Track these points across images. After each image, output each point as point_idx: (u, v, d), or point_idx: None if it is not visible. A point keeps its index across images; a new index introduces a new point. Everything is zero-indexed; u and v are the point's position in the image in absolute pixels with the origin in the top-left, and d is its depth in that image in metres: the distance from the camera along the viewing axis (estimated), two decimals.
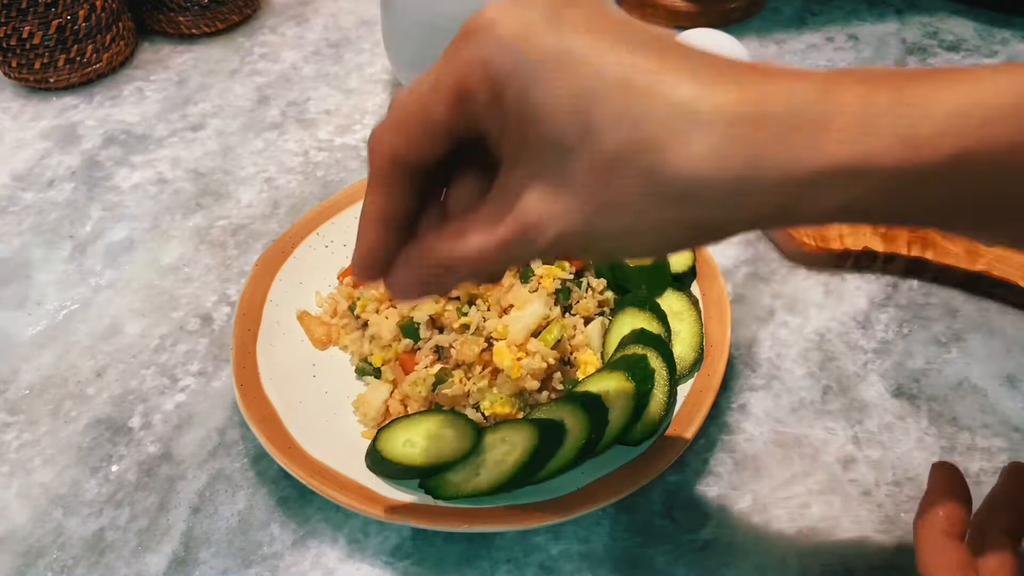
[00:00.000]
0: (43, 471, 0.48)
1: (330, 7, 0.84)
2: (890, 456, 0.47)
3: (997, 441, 0.47)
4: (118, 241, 0.62)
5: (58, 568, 0.44)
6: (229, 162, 0.68)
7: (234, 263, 0.60)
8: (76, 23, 0.71)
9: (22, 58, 0.72)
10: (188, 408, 0.51)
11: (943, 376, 0.51)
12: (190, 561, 0.44)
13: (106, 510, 0.46)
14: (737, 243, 0.59)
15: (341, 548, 0.44)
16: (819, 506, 0.45)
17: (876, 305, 0.55)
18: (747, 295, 0.56)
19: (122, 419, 0.51)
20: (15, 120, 0.73)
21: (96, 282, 0.59)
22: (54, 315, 0.57)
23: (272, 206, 0.64)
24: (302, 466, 0.43)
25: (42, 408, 0.51)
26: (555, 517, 0.41)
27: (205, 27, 0.79)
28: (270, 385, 0.47)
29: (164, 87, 0.75)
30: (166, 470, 0.48)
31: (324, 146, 0.69)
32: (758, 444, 0.48)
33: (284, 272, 0.53)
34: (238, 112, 0.72)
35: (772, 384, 0.51)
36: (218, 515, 0.46)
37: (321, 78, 0.76)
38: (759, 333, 0.53)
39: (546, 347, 0.47)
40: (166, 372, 0.53)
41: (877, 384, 0.50)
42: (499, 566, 0.43)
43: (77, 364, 0.54)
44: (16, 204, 0.65)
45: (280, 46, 0.80)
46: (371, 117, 0.71)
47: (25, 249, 0.61)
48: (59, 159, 0.68)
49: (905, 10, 0.79)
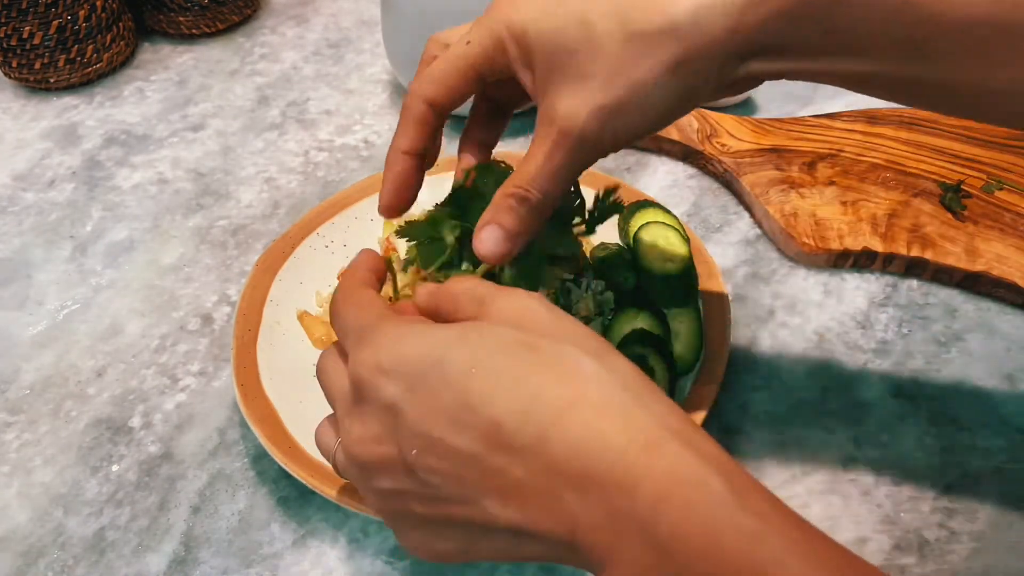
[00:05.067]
0: (43, 471, 0.48)
1: (330, 7, 0.84)
2: (890, 456, 0.47)
3: (997, 441, 0.47)
4: (118, 241, 0.62)
5: (58, 568, 0.44)
6: (229, 162, 0.68)
7: (234, 263, 0.60)
8: (76, 23, 0.72)
9: (22, 58, 0.72)
10: (188, 408, 0.51)
11: (943, 376, 0.51)
12: (190, 561, 0.44)
13: (106, 510, 0.46)
14: (737, 243, 0.59)
15: (341, 548, 0.44)
16: (819, 506, 0.45)
17: (876, 305, 0.55)
18: (747, 295, 0.56)
19: (122, 419, 0.51)
20: (15, 120, 0.73)
21: (96, 282, 0.59)
22: (54, 315, 0.57)
23: (272, 206, 0.64)
24: (302, 466, 0.43)
25: (42, 408, 0.51)
26: None
27: (205, 27, 0.79)
28: (270, 385, 0.47)
29: (164, 87, 0.75)
30: (166, 470, 0.48)
31: (324, 146, 0.69)
32: (758, 444, 0.48)
33: (284, 272, 0.53)
34: (238, 112, 0.72)
35: (772, 384, 0.51)
36: (218, 515, 0.46)
37: (321, 78, 0.76)
38: (759, 333, 0.53)
39: None
40: (166, 372, 0.53)
41: (877, 384, 0.51)
42: (499, 566, 0.43)
43: (77, 364, 0.54)
44: (16, 204, 0.65)
45: (280, 46, 0.80)
46: (371, 117, 0.71)
47: (25, 249, 0.62)
48: (59, 159, 0.69)
49: None
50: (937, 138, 0.64)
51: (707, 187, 0.64)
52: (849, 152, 0.63)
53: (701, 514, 0.25)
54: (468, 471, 0.29)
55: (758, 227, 0.60)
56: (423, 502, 0.30)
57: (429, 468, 0.29)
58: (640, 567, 0.25)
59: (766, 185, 0.60)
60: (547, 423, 0.28)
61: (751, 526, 0.25)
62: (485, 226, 0.36)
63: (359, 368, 0.31)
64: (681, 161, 0.66)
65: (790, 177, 0.61)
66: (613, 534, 0.26)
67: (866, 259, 0.56)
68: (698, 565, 0.24)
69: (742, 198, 0.62)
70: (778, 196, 0.59)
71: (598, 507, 0.26)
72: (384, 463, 0.31)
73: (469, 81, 0.37)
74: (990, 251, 0.55)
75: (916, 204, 0.59)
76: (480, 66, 0.36)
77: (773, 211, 0.58)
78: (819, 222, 0.58)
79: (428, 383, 0.30)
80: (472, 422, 0.29)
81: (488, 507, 0.28)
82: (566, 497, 0.27)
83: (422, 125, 0.38)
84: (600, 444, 0.27)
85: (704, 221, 0.61)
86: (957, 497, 0.45)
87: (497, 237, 0.36)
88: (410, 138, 0.38)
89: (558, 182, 0.35)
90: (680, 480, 0.26)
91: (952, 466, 0.47)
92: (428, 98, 0.38)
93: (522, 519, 0.28)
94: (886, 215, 0.58)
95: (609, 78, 0.33)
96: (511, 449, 0.28)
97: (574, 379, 0.29)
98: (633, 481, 0.26)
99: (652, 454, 0.26)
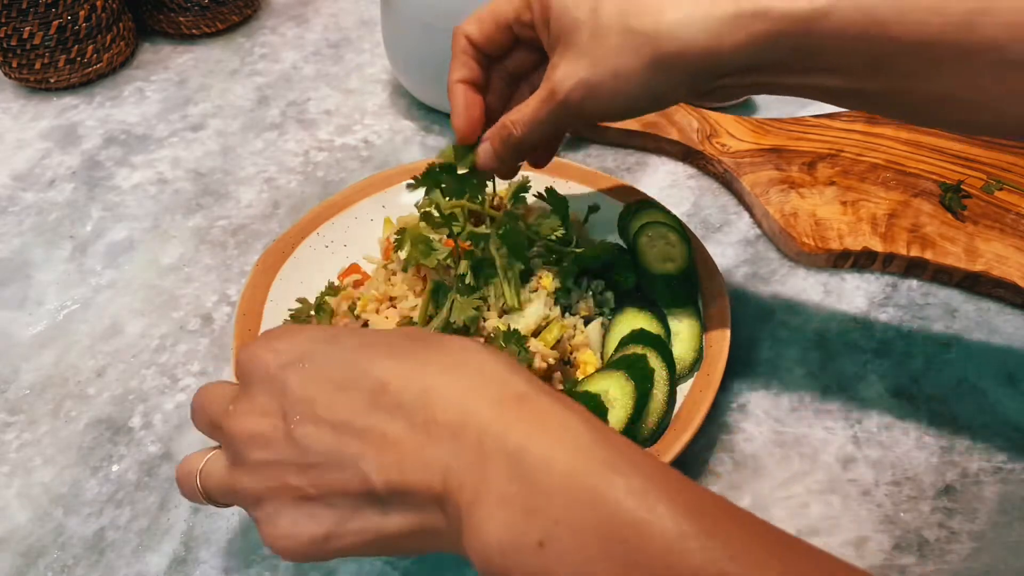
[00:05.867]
0: (43, 471, 0.48)
1: (330, 7, 0.84)
2: (890, 456, 0.47)
3: (997, 441, 0.48)
4: (118, 241, 0.62)
5: (58, 568, 0.44)
6: (229, 162, 0.68)
7: (234, 263, 0.60)
8: (76, 23, 0.72)
9: (22, 58, 0.72)
10: (188, 408, 0.51)
11: (943, 376, 0.51)
12: (190, 561, 0.44)
13: (106, 510, 0.46)
14: (737, 243, 0.59)
15: None
16: (819, 506, 0.45)
17: (876, 305, 0.55)
18: (747, 295, 0.56)
19: (122, 419, 0.51)
20: (15, 120, 0.73)
21: (96, 282, 0.59)
22: (54, 315, 0.57)
23: (272, 206, 0.64)
24: None
25: (42, 408, 0.51)
26: None
27: (205, 27, 0.79)
28: None
29: (164, 87, 0.75)
30: (166, 470, 0.48)
31: (324, 146, 0.69)
32: (758, 444, 0.48)
33: (284, 272, 0.53)
34: (238, 112, 0.72)
35: (772, 384, 0.51)
36: (218, 515, 0.46)
37: (321, 78, 0.76)
38: (759, 333, 0.53)
39: (546, 347, 0.47)
40: (166, 372, 0.53)
41: (877, 384, 0.51)
42: None
43: (77, 364, 0.54)
44: (16, 204, 0.65)
45: (280, 46, 0.80)
46: (371, 117, 0.71)
47: (25, 249, 0.62)
48: (59, 159, 0.69)
49: None
50: (937, 138, 0.64)
51: (707, 187, 0.64)
52: (849, 152, 0.63)
53: (565, 447, 0.28)
54: (348, 433, 0.31)
55: (758, 227, 0.60)
56: (299, 472, 0.32)
57: (309, 434, 0.31)
58: (505, 498, 0.28)
59: (766, 185, 0.60)
60: (430, 382, 0.31)
61: (607, 456, 0.28)
62: (484, 141, 0.44)
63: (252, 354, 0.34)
64: (681, 161, 0.66)
65: (790, 177, 0.61)
66: (480, 472, 0.28)
67: (866, 259, 0.56)
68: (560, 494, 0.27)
69: (742, 198, 0.62)
70: (778, 196, 0.60)
71: (469, 449, 0.29)
72: (265, 433, 0.32)
73: (501, 29, 0.44)
74: (990, 251, 0.55)
75: (916, 204, 0.59)
76: (511, 19, 0.43)
77: (773, 211, 0.58)
78: (819, 222, 0.58)
79: (318, 356, 0.33)
80: (359, 383, 0.31)
81: (364, 469, 0.30)
82: (442, 446, 0.29)
83: (466, 56, 0.44)
84: (477, 396, 0.30)
85: (704, 221, 0.61)
86: (957, 497, 0.45)
87: (488, 153, 0.44)
88: (459, 68, 0.44)
89: (537, 130, 0.42)
90: (547, 421, 0.29)
91: (952, 466, 0.47)
92: (467, 33, 0.44)
93: (396, 475, 0.30)
94: (886, 215, 0.58)
95: (598, 60, 0.38)
96: (394, 406, 0.30)
97: (457, 351, 0.32)
98: (505, 424, 0.29)
99: (524, 403, 0.30)
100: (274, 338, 0.35)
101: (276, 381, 0.33)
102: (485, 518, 0.28)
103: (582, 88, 0.39)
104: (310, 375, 0.32)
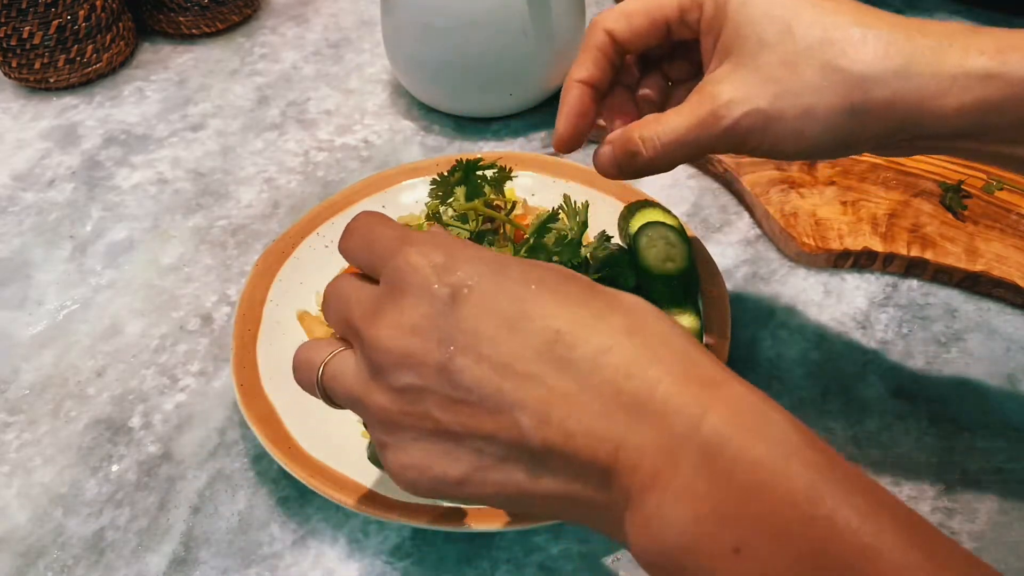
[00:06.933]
0: (43, 471, 0.48)
1: (330, 7, 0.84)
2: (890, 456, 0.47)
3: (997, 441, 0.47)
4: (118, 241, 0.62)
5: (58, 568, 0.44)
6: (229, 162, 0.68)
7: (234, 263, 0.60)
8: (76, 23, 0.72)
9: (22, 58, 0.72)
10: (188, 408, 0.51)
11: (943, 376, 0.51)
12: (190, 561, 0.44)
13: (106, 510, 0.46)
14: (737, 243, 0.59)
15: (341, 548, 0.44)
16: None
17: (876, 305, 0.55)
18: (747, 295, 0.56)
19: (122, 419, 0.51)
20: (15, 120, 0.73)
21: (96, 282, 0.59)
22: (54, 315, 0.57)
23: (272, 206, 0.64)
24: (302, 466, 0.43)
25: (42, 408, 0.51)
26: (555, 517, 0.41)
27: (205, 27, 0.79)
28: (270, 385, 0.47)
29: (164, 87, 0.75)
30: (166, 470, 0.48)
31: (324, 146, 0.69)
32: None
33: (284, 272, 0.53)
34: (238, 112, 0.72)
35: (772, 384, 0.51)
36: (218, 515, 0.46)
37: (321, 78, 0.76)
38: (759, 333, 0.53)
39: None
40: (166, 372, 0.53)
41: (877, 384, 0.51)
42: (499, 566, 0.43)
43: (77, 364, 0.54)
44: (16, 204, 0.65)
45: (280, 46, 0.80)
46: (371, 117, 0.71)
47: (25, 249, 0.62)
48: (59, 159, 0.69)
49: (905, 10, 0.79)
50: None
51: (707, 187, 0.64)
52: None
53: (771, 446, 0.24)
54: (510, 378, 0.27)
55: (758, 227, 0.60)
56: (445, 406, 0.28)
57: (467, 368, 0.28)
58: (692, 491, 0.25)
59: (766, 185, 0.60)
60: (608, 342, 0.27)
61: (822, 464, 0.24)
62: (606, 146, 0.38)
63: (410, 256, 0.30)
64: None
65: (790, 177, 0.61)
66: (665, 457, 0.25)
67: (866, 259, 0.56)
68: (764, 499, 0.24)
69: (742, 198, 0.62)
70: (778, 196, 0.59)
71: (652, 430, 0.26)
72: (413, 355, 0.29)
73: (656, 25, 0.37)
74: (990, 251, 0.55)
75: (916, 204, 0.59)
76: (671, 15, 0.37)
77: (773, 211, 0.58)
78: (819, 222, 0.58)
79: (485, 284, 0.29)
80: (529, 328, 0.28)
81: (521, 420, 0.27)
82: (618, 416, 0.26)
83: (600, 54, 0.38)
84: (664, 369, 0.26)
85: (704, 221, 0.61)
86: (957, 497, 0.45)
87: (609, 160, 0.38)
88: (587, 67, 0.38)
89: (679, 152, 0.36)
90: (745, 413, 0.25)
91: (952, 466, 0.47)
92: (609, 28, 0.38)
93: (557, 435, 0.27)
94: (886, 215, 0.58)
95: (786, 93, 0.33)
96: (566, 361, 0.27)
97: (634, 311, 0.29)
98: (701, 407, 0.25)
99: (718, 388, 0.26)
100: (431, 247, 0.30)
101: (437, 302, 0.29)
102: (663, 509, 0.25)
103: (756, 119, 0.34)
104: (476, 304, 0.28)
